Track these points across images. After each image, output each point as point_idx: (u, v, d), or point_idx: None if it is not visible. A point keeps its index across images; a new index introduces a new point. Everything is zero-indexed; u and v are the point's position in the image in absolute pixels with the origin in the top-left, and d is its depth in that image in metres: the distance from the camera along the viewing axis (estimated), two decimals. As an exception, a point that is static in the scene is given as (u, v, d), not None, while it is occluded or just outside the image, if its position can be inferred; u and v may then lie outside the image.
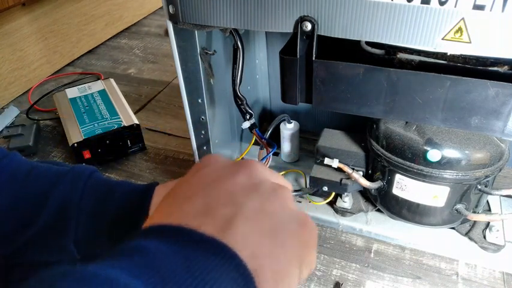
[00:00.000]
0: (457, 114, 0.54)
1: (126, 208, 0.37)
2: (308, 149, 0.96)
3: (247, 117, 0.72)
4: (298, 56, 0.57)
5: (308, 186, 0.78)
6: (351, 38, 0.52)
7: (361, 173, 0.72)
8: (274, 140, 0.77)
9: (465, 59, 0.54)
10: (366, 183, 0.70)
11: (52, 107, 1.21)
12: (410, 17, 0.48)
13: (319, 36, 0.54)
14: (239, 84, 0.69)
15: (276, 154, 0.94)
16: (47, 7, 1.36)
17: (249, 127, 0.73)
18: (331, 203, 0.81)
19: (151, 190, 0.38)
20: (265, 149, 0.76)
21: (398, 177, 0.66)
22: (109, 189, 0.38)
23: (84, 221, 0.37)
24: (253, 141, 0.79)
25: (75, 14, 1.48)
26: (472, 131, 0.59)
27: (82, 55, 1.55)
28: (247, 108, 0.72)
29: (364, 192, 0.80)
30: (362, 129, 0.73)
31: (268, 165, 0.39)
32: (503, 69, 0.53)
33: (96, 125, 0.99)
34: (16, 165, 0.39)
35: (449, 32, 0.47)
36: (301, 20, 0.53)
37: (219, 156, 0.29)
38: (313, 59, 0.56)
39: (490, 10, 0.44)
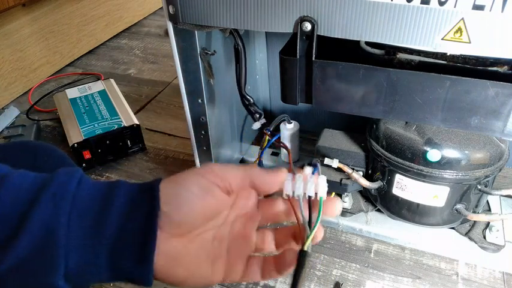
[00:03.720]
0: (457, 114, 0.54)
1: (130, 221, 0.30)
2: (308, 149, 0.96)
3: (257, 117, 0.69)
4: (298, 56, 0.57)
5: (308, 186, 0.78)
6: (351, 38, 0.52)
7: (361, 173, 0.72)
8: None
9: (465, 59, 0.54)
10: (366, 183, 0.70)
11: (52, 107, 1.22)
12: (410, 17, 0.48)
13: (319, 36, 0.54)
14: (244, 85, 0.68)
15: (276, 154, 0.94)
16: (47, 7, 1.37)
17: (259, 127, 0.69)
18: (331, 203, 0.81)
19: (156, 190, 0.31)
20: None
21: (398, 177, 0.66)
22: (105, 201, 0.30)
23: (76, 249, 0.29)
24: (266, 141, 0.73)
25: (75, 14, 1.48)
26: (472, 131, 0.59)
27: (82, 55, 1.55)
28: (256, 108, 0.68)
29: (364, 192, 0.80)
30: (362, 129, 0.73)
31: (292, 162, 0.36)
32: (503, 69, 0.53)
33: (96, 125, 0.99)
34: None
35: (449, 32, 0.47)
36: (301, 20, 0.53)
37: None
38: (313, 59, 0.56)
39: (490, 10, 0.44)
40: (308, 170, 0.35)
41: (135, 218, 0.30)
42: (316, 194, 0.33)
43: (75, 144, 0.94)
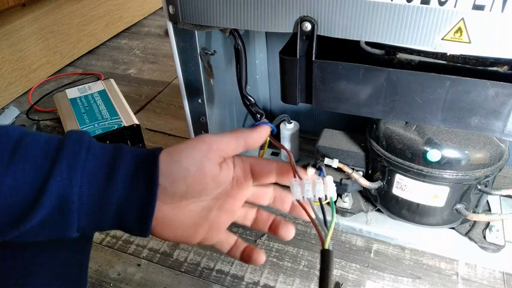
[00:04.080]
0: (457, 114, 0.54)
1: (132, 190, 0.34)
2: (308, 149, 0.96)
3: (258, 118, 0.69)
4: (298, 56, 0.57)
5: (308, 186, 0.78)
6: (351, 38, 0.52)
7: (361, 173, 0.72)
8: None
9: (465, 59, 0.54)
10: (366, 183, 0.70)
11: (52, 107, 1.22)
12: (410, 17, 0.48)
13: (319, 36, 0.54)
14: (245, 85, 0.68)
15: (276, 154, 0.94)
16: (47, 7, 1.37)
17: None
18: (331, 203, 0.81)
19: (156, 164, 0.34)
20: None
21: (398, 177, 0.66)
22: (109, 174, 0.34)
23: (86, 212, 0.33)
24: (267, 142, 0.74)
25: (75, 14, 1.48)
26: (472, 131, 0.59)
27: (82, 55, 1.55)
28: (257, 108, 0.69)
29: (364, 192, 0.80)
30: (362, 129, 0.73)
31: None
32: (503, 69, 0.53)
33: (96, 125, 0.99)
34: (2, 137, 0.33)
35: (449, 32, 0.47)
36: (301, 20, 0.53)
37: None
38: (313, 59, 0.56)
39: (490, 10, 0.44)
40: (311, 171, 0.37)
41: (136, 191, 0.34)
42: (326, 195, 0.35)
43: (75, 144, 0.94)
